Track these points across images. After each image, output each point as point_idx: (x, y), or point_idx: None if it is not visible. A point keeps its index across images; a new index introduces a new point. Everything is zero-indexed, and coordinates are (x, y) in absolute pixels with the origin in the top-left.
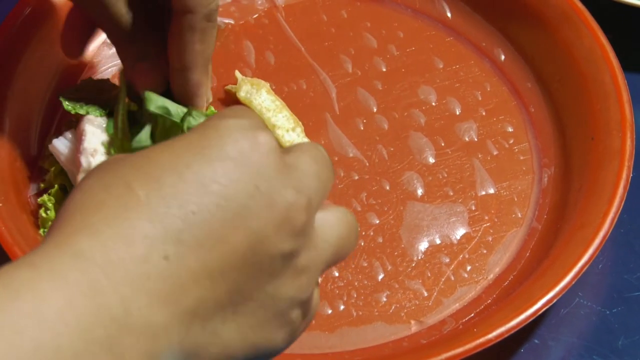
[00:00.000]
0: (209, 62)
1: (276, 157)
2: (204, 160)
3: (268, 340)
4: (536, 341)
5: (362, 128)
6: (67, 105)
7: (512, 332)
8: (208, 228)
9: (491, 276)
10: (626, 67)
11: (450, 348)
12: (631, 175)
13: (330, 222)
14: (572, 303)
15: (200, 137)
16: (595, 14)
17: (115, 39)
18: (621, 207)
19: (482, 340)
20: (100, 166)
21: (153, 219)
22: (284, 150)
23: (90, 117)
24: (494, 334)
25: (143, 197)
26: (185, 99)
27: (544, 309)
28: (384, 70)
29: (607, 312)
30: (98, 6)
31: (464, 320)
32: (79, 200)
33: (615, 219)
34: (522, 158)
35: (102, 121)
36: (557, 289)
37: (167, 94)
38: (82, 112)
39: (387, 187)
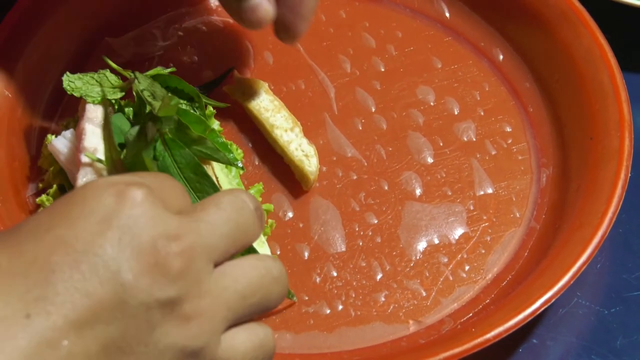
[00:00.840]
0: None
1: (149, 208)
2: (65, 221)
3: None
4: (535, 341)
5: (360, 128)
6: (66, 84)
7: (511, 332)
8: (69, 283)
9: (489, 276)
10: (624, 67)
11: (448, 348)
12: (629, 175)
13: (238, 269)
14: (570, 303)
15: (66, 199)
16: (593, 13)
17: None
18: (619, 206)
19: (480, 340)
20: None
21: (14, 282)
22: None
23: (90, 116)
24: (493, 333)
25: (4, 264)
26: (291, 24)
27: (542, 309)
28: (383, 70)
29: (606, 312)
30: None
31: (462, 320)
32: None
33: (614, 219)
34: (520, 158)
35: (101, 120)
36: (556, 288)
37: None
38: (76, 94)
39: (386, 187)
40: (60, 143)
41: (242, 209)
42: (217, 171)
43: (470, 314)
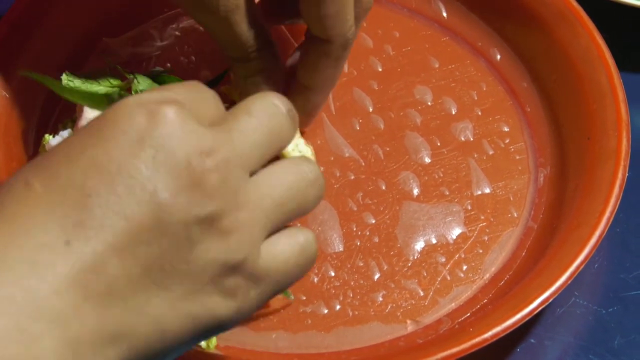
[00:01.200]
0: (333, 87)
1: (181, 124)
2: (98, 142)
3: (206, 310)
4: (532, 340)
5: (358, 128)
6: (65, 83)
7: (508, 331)
8: (106, 207)
9: (487, 276)
10: (623, 67)
11: (446, 348)
12: (627, 174)
13: (273, 176)
14: (568, 302)
15: (97, 122)
16: (591, 14)
17: (232, 56)
18: (617, 206)
19: (478, 339)
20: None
21: (51, 208)
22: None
23: (88, 116)
24: (490, 333)
25: (39, 189)
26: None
27: (540, 309)
28: (380, 70)
29: (604, 312)
30: (221, 25)
31: (460, 319)
32: None
33: (611, 219)
34: (518, 158)
35: None
36: (553, 288)
37: None
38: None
39: (383, 187)
40: (57, 143)
41: (274, 114)
42: None
43: (468, 314)
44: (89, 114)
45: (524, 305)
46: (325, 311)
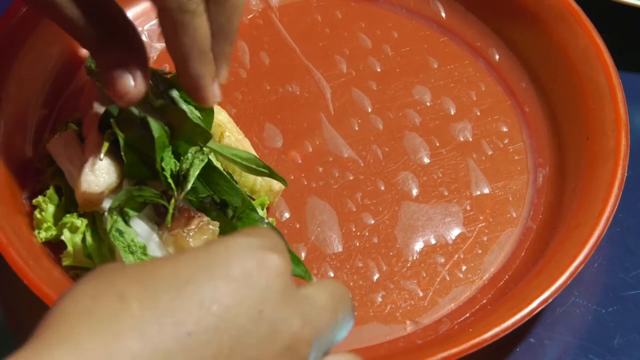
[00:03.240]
0: (206, 55)
1: (286, 281)
2: (206, 278)
3: None
4: (532, 340)
5: (356, 128)
6: (89, 64)
7: (508, 332)
8: (202, 352)
9: (486, 276)
10: (622, 67)
11: (446, 348)
12: (626, 174)
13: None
14: (567, 302)
15: (207, 253)
16: (591, 14)
17: (87, 47)
18: (616, 206)
19: (477, 340)
20: (93, 273)
21: (144, 336)
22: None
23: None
24: (490, 334)
25: (136, 310)
26: (189, 92)
27: (539, 309)
28: (379, 70)
29: (603, 311)
30: (60, 17)
31: (459, 320)
32: (65, 307)
33: (611, 219)
34: (516, 158)
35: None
36: (552, 289)
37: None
38: (96, 79)
39: (382, 188)
40: (59, 143)
41: (348, 300)
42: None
43: (467, 314)
44: (99, 109)
45: (524, 306)
46: None
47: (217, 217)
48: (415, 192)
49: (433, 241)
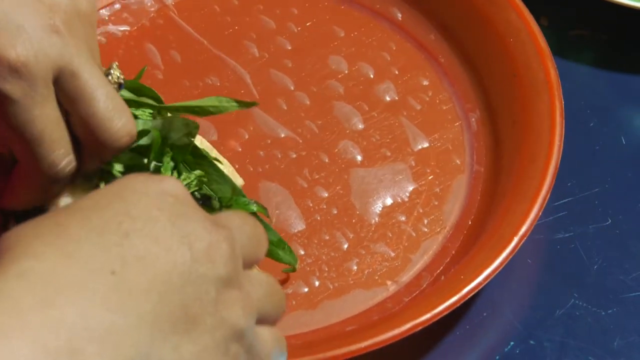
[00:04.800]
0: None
1: (188, 202)
2: (121, 201)
3: None
4: (532, 342)
5: (285, 108)
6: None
7: (499, 270)
8: (144, 248)
9: (449, 224)
10: (622, 67)
11: (444, 299)
12: (629, 174)
13: (261, 275)
14: (567, 304)
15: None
16: (591, 14)
17: None
18: (563, 136)
19: (473, 284)
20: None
21: (95, 241)
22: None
23: None
24: (484, 275)
25: (75, 232)
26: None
27: (521, 243)
28: (290, 48)
29: (603, 313)
30: None
31: (438, 271)
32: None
33: (562, 148)
34: (445, 108)
35: None
36: (528, 222)
37: None
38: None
39: (326, 160)
40: None
41: (259, 228)
42: None
43: (443, 265)
44: None
45: (506, 243)
46: (306, 289)
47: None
48: (359, 158)
49: (390, 201)
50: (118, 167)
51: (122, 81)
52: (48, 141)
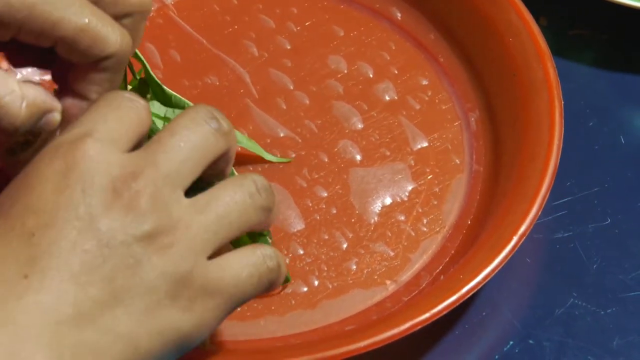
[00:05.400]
0: None
1: (99, 157)
2: (25, 193)
3: (169, 324)
4: (531, 341)
5: (284, 107)
6: None
7: (498, 269)
8: (51, 240)
9: (449, 224)
10: (624, 68)
11: (444, 297)
12: (626, 175)
13: (209, 194)
14: (566, 303)
15: (20, 177)
16: (591, 14)
17: None
18: (562, 135)
19: (472, 284)
20: None
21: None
22: None
23: None
24: (482, 275)
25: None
26: None
27: (521, 243)
28: (289, 47)
29: (602, 313)
30: None
31: (437, 271)
32: None
33: (561, 147)
34: (444, 107)
35: None
36: (528, 220)
37: None
38: None
39: (326, 159)
40: None
41: (197, 129)
42: None
43: (443, 264)
44: None
45: (505, 243)
46: (305, 289)
47: None
48: (358, 157)
49: (389, 201)
50: None
51: None
52: None
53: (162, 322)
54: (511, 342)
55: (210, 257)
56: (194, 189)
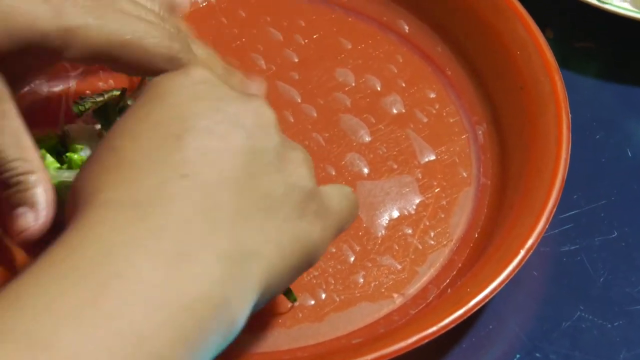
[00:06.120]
0: None
1: (217, 82)
2: (161, 104)
3: (304, 232)
4: (537, 355)
5: (292, 120)
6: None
7: (505, 283)
8: (202, 139)
9: (456, 237)
10: (625, 79)
11: (451, 311)
12: (634, 186)
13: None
14: (573, 316)
15: (142, 105)
16: (591, 25)
17: None
18: (570, 146)
19: (480, 297)
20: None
21: (154, 155)
22: None
23: None
24: (491, 287)
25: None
26: None
27: (528, 257)
28: (296, 60)
29: (609, 326)
30: None
31: (444, 284)
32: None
33: (568, 160)
34: (452, 120)
35: None
36: (534, 235)
37: None
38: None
39: (333, 172)
40: None
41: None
42: None
43: (450, 278)
44: None
45: (513, 256)
46: (312, 302)
47: None
48: (366, 170)
49: (396, 214)
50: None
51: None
52: None
53: (298, 230)
54: (518, 356)
55: None
56: None
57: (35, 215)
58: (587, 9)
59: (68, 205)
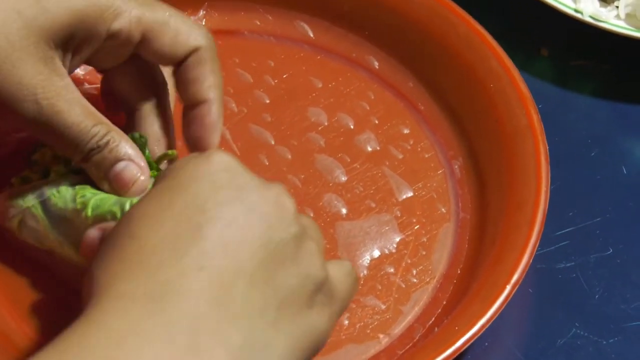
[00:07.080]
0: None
1: (239, 169)
2: (184, 194)
3: (312, 325)
4: None
5: (267, 163)
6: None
7: (493, 319)
8: (224, 229)
9: (439, 274)
10: (625, 98)
11: (441, 350)
12: (628, 205)
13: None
14: (569, 333)
15: (162, 190)
16: (593, 44)
17: (75, 157)
18: (549, 181)
19: (469, 335)
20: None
21: (171, 245)
22: None
23: None
24: (479, 325)
25: (148, 241)
26: (202, 138)
27: (515, 289)
28: (268, 101)
29: (604, 343)
30: (48, 117)
31: (430, 322)
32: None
33: (548, 194)
34: (427, 156)
35: None
36: (519, 270)
37: None
38: None
39: (311, 214)
40: None
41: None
42: None
43: (435, 316)
44: None
45: (499, 292)
46: None
47: None
48: (344, 210)
49: (377, 253)
50: None
51: None
52: None
53: (308, 323)
54: None
55: None
56: None
57: (137, 165)
58: (583, 27)
59: (84, 289)
